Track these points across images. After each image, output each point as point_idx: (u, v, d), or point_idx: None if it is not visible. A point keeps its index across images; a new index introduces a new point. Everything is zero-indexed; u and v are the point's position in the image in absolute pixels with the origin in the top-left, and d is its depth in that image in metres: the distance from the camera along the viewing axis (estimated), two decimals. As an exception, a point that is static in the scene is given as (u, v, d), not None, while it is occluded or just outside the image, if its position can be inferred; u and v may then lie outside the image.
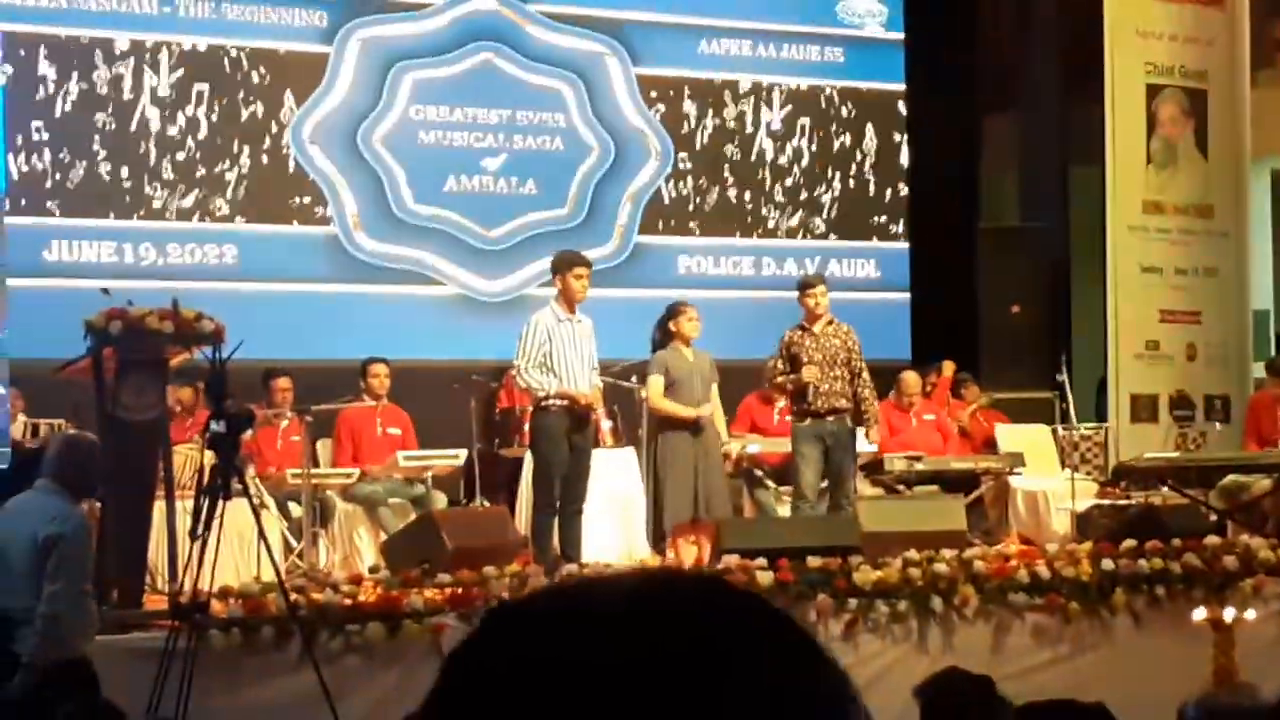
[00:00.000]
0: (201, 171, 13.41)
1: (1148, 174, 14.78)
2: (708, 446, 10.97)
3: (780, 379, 11.21)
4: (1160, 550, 9.73)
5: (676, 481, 10.79)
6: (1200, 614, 9.07)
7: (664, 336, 11.14)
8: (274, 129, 13.70)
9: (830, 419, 11.01)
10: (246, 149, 13.58)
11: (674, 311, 11.19)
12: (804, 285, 11.42)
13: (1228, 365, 14.91)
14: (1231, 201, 15.06)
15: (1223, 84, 15.05)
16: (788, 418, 11.94)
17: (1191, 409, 14.41)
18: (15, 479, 8.65)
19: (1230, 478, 12.45)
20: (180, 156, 13.37)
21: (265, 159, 13.64)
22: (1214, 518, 11.52)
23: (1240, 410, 14.39)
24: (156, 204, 13.26)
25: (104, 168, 13.12)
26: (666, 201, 15.09)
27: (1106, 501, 12.55)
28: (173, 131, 13.35)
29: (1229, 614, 8.96)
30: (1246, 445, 13.24)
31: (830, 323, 11.23)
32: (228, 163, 13.52)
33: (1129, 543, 9.78)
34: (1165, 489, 12.32)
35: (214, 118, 13.49)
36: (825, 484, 11.06)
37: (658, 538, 11.01)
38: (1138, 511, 11.30)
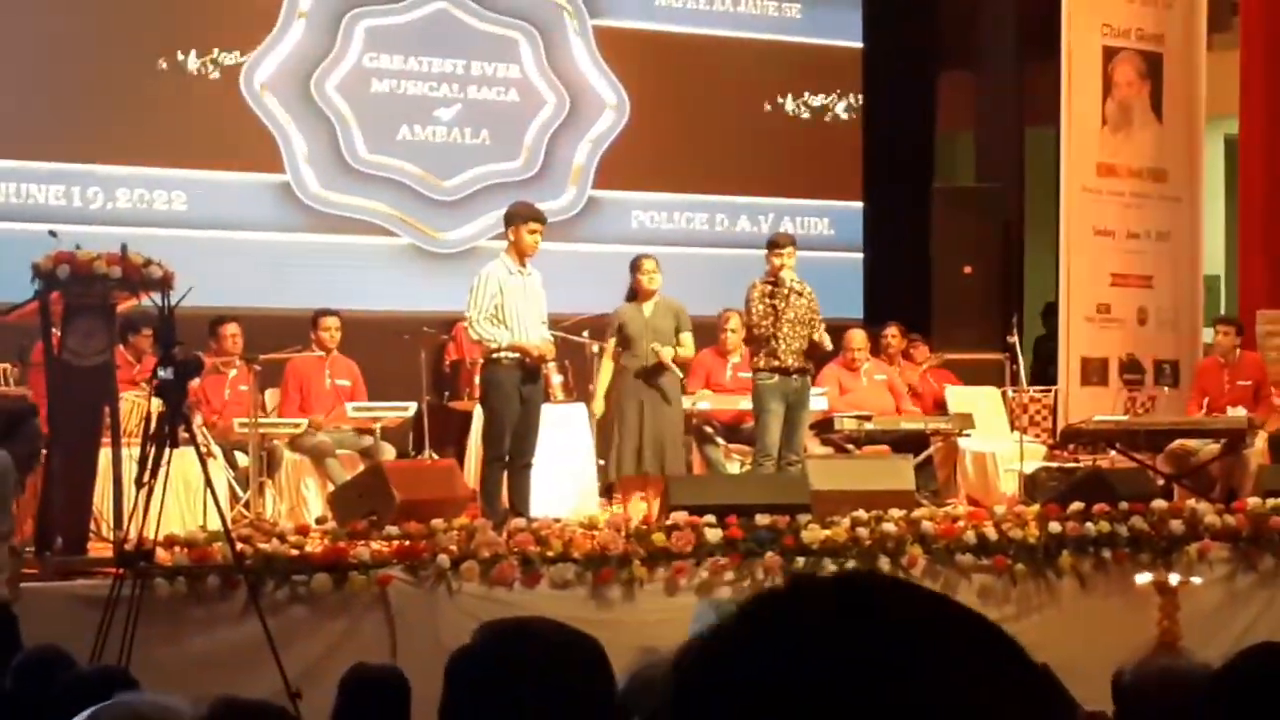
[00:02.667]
0: (153, 116, 13.28)
1: (1102, 136, 14.81)
2: (665, 396, 10.95)
3: (762, 326, 10.98)
4: (1107, 513, 9.77)
5: (623, 436, 10.79)
6: (1145, 577, 9.12)
7: (630, 292, 11.16)
8: (226, 75, 13.57)
9: (795, 377, 10.99)
10: (198, 94, 13.45)
11: (633, 266, 11.19)
12: (774, 244, 11.27)
13: (1178, 330, 14.97)
14: (1185, 165, 15.10)
15: (1179, 47, 15.07)
16: (742, 374, 11.93)
17: (1141, 373, 14.46)
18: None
19: (1178, 442, 12.52)
20: (132, 101, 13.24)
21: (217, 105, 13.51)
22: (1161, 482, 11.57)
23: (1189, 375, 14.45)
24: (106, 148, 13.12)
25: (53, 111, 12.98)
26: (622, 156, 15.03)
27: (1054, 464, 12.60)
28: (126, 76, 13.22)
29: (1174, 578, 9.01)
30: (1190, 410, 13.28)
31: (796, 281, 11.13)
32: (179, 108, 13.38)
33: (1076, 505, 9.82)
34: (1113, 452, 12.37)
35: (165, 62, 13.36)
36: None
37: (608, 489, 11.02)
38: (1085, 474, 11.33)
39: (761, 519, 9.11)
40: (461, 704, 2.57)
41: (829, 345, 11.25)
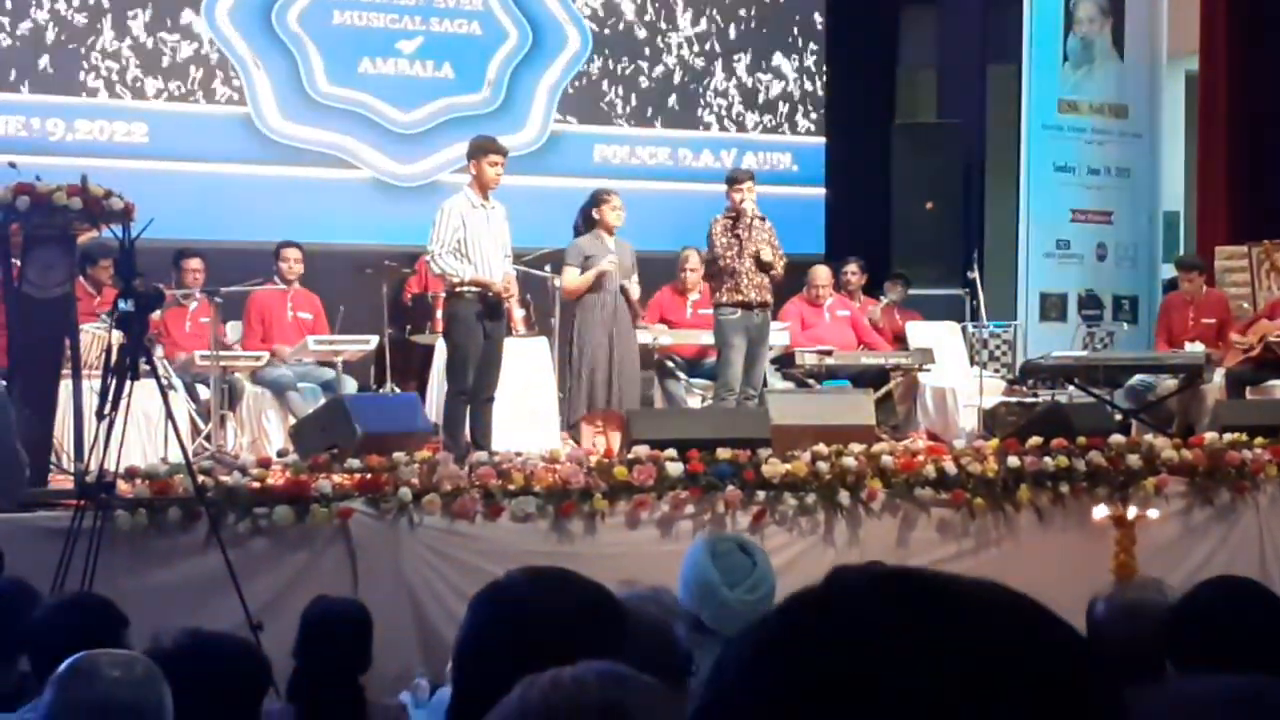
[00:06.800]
0: (113, 47, 13.20)
1: (1064, 73, 14.83)
2: (622, 332, 10.95)
3: (727, 258, 11.03)
4: (1065, 448, 9.81)
5: (594, 366, 10.79)
6: (1103, 511, 9.18)
7: (586, 224, 11.05)
8: (186, 4, 13.48)
9: (757, 311, 11.04)
10: (158, 25, 13.37)
11: (598, 199, 11.09)
12: (733, 179, 11.34)
13: (1137, 266, 15.05)
14: (1146, 102, 15.14)
15: (1141, -16, 15.09)
16: (702, 311, 11.95)
17: (1100, 309, 14.53)
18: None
19: (1136, 378, 12.59)
20: (92, 32, 13.15)
21: (178, 35, 13.43)
22: (1119, 417, 11.64)
23: (1148, 311, 14.52)
24: (67, 78, 13.04)
25: (12, 42, 12.89)
26: (584, 90, 14.99)
27: (1014, 399, 12.67)
28: (85, 6, 13.12)
29: (1131, 512, 9.06)
30: (1158, 345, 13.35)
31: (757, 216, 11.16)
32: (139, 39, 13.30)
33: (1035, 440, 9.86)
34: (1072, 387, 12.44)
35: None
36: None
37: (569, 423, 11.03)
38: (1044, 409, 11.38)
39: (722, 453, 9.13)
40: (484, 636, 2.63)
41: (779, 268, 11.20)
